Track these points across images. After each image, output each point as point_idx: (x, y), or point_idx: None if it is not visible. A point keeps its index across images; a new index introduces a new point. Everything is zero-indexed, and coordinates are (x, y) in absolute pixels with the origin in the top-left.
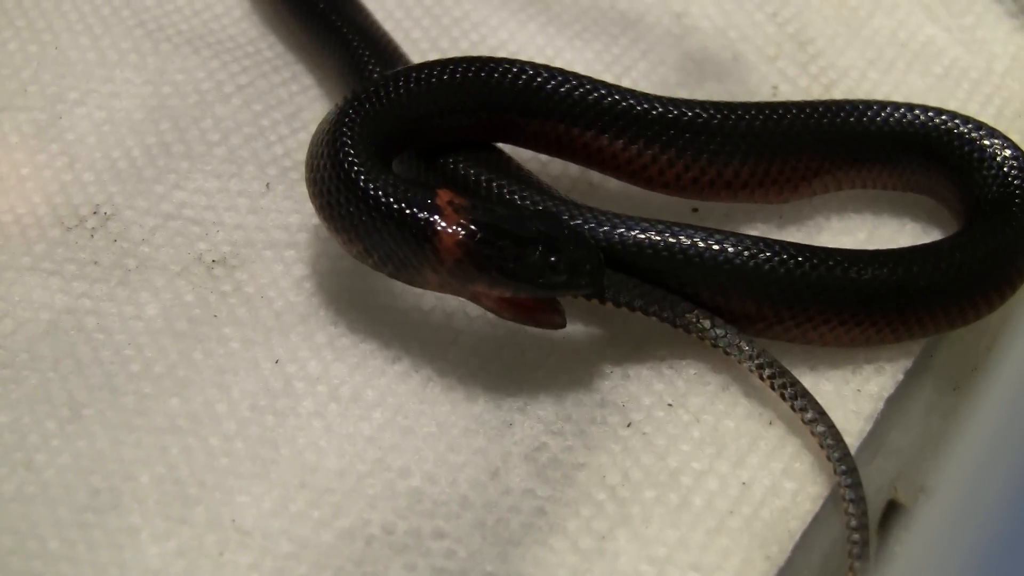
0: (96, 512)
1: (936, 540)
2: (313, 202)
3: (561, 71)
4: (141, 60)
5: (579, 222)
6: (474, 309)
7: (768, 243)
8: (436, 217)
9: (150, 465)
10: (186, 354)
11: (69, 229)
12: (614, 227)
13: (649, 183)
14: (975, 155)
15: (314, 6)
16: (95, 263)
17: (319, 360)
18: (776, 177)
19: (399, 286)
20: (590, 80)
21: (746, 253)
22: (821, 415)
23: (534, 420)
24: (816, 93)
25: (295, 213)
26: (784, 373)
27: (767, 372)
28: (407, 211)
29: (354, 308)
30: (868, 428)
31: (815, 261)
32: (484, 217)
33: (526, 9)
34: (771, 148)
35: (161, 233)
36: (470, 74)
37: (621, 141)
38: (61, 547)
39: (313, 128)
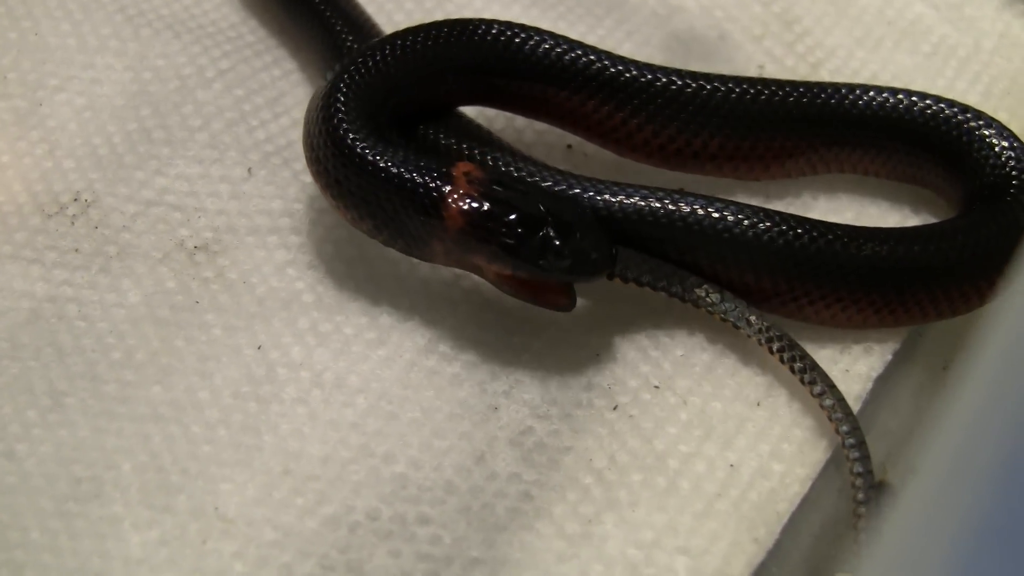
0: (78, 501)
1: (921, 519)
2: (318, 182)
3: (539, 31)
4: (122, 46)
5: (577, 191)
6: (457, 294)
7: (769, 213)
8: (447, 186)
9: (132, 453)
10: (168, 341)
11: (50, 216)
12: (613, 195)
13: (618, 147)
14: (970, 143)
15: None
16: (76, 250)
17: (302, 346)
18: (748, 153)
19: (381, 271)
20: (566, 40)
21: (747, 222)
22: (831, 388)
23: (519, 404)
24: (803, 72)
25: (277, 199)
26: (793, 346)
27: (776, 345)
28: (414, 177)
29: (337, 293)
30: (857, 408)
31: (815, 233)
32: (497, 192)
33: None
34: (744, 124)
35: (142, 220)
36: (452, 37)
37: (592, 102)
38: (43, 537)
39: (296, 113)
